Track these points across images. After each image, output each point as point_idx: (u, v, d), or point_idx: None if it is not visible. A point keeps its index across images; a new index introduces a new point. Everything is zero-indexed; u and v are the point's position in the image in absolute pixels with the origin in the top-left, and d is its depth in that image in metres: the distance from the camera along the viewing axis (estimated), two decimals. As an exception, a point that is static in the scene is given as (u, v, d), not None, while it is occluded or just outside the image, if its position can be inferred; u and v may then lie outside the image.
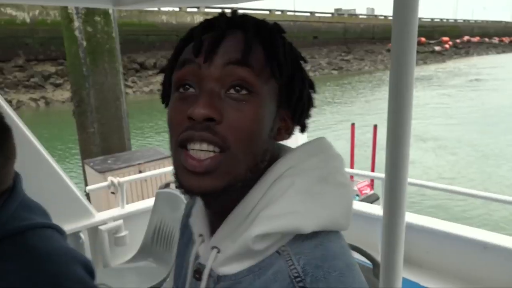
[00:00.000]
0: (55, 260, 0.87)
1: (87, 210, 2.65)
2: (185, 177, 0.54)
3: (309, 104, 0.63)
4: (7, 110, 2.11)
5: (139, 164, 5.20)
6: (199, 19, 29.71)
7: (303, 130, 0.64)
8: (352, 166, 7.03)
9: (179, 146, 0.54)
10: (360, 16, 49.22)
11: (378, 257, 2.54)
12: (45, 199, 2.46)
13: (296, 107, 0.60)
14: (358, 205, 2.87)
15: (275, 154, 0.61)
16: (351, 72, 33.98)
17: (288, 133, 0.61)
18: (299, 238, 0.54)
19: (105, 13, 6.31)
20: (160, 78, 0.65)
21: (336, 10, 56.14)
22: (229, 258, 0.57)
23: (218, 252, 0.58)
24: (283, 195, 0.55)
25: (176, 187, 0.56)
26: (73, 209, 2.56)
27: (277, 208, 0.54)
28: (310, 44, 37.60)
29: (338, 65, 35.24)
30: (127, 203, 2.92)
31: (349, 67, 35.78)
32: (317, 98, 0.65)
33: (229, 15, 0.58)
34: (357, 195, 5.90)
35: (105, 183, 2.89)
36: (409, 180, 1.33)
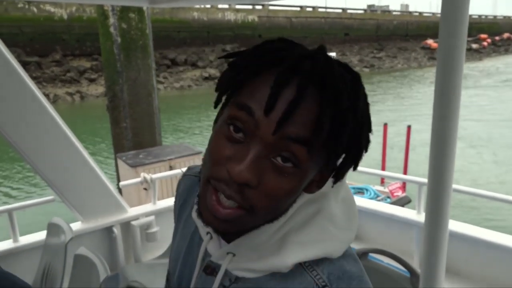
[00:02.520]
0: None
1: (120, 205, 2.69)
2: (205, 213, 0.55)
3: (356, 163, 0.57)
4: (45, 104, 2.17)
5: (169, 159, 5.27)
6: (230, 15, 30.01)
7: (336, 181, 0.58)
8: (383, 168, 6.87)
9: (209, 182, 0.54)
10: (394, 13, 48.06)
11: (413, 263, 2.46)
12: (81, 194, 2.54)
13: (341, 170, 0.57)
14: (392, 209, 2.78)
15: None
16: (383, 70, 33.29)
17: (319, 187, 0.58)
18: None
19: (139, 10, 6.41)
20: (190, 74, 0.59)
21: (369, 6, 55.17)
22: (252, 270, 0.59)
23: (234, 255, 0.60)
24: (311, 222, 0.59)
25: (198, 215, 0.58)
26: (107, 204, 2.62)
27: (308, 235, 0.58)
28: (341, 41, 37.07)
29: (370, 63, 34.60)
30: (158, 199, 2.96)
31: (381, 64, 35.07)
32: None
33: (313, 64, 0.51)
34: (388, 197, 5.75)
35: (138, 179, 2.93)
36: (454, 186, 1.27)
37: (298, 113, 0.50)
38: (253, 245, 0.58)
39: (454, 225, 2.37)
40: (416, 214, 2.60)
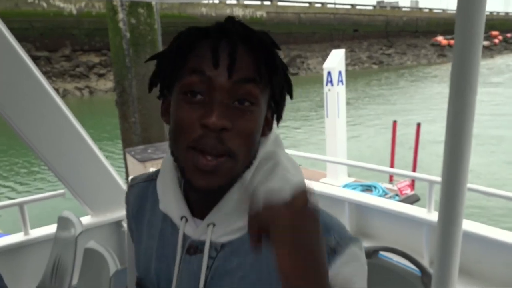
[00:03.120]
0: None
1: (129, 199, 2.71)
2: (195, 176, 0.61)
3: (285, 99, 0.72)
4: (56, 99, 2.18)
5: (177, 154, 5.27)
6: (238, 11, 29.97)
7: (278, 121, 0.72)
8: (392, 166, 6.81)
9: (191, 148, 0.61)
10: (403, 9, 47.63)
11: (423, 261, 2.44)
12: (91, 188, 2.55)
13: (279, 107, 0.70)
14: (402, 207, 2.75)
15: None
16: (392, 67, 33.06)
17: (269, 129, 0.71)
18: None
19: (148, 5, 6.42)
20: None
21: (378, 2, 54.72)
22: (234, 230, 0.66)
23: (214, 226, 0.67)
24: (273, 173, 0.66)
25: (186, 184, 0.65)
26: (116, 198, 2.63)
27: (274, 183, 0.64)
28: (350, 37, 36.85)
29: (379, 59, 34.39)
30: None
31: (390, 61, 34.83)
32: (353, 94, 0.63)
33: (233, 25, 0.64)
34: (397, 195, 5.71)
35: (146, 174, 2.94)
36: (469, 185, 1.25)
37: (239, 60, 0.61)
38: (229, 209, 0.66)
39: (468, 225, 2.34)
40: (426, 213, 2.58)
